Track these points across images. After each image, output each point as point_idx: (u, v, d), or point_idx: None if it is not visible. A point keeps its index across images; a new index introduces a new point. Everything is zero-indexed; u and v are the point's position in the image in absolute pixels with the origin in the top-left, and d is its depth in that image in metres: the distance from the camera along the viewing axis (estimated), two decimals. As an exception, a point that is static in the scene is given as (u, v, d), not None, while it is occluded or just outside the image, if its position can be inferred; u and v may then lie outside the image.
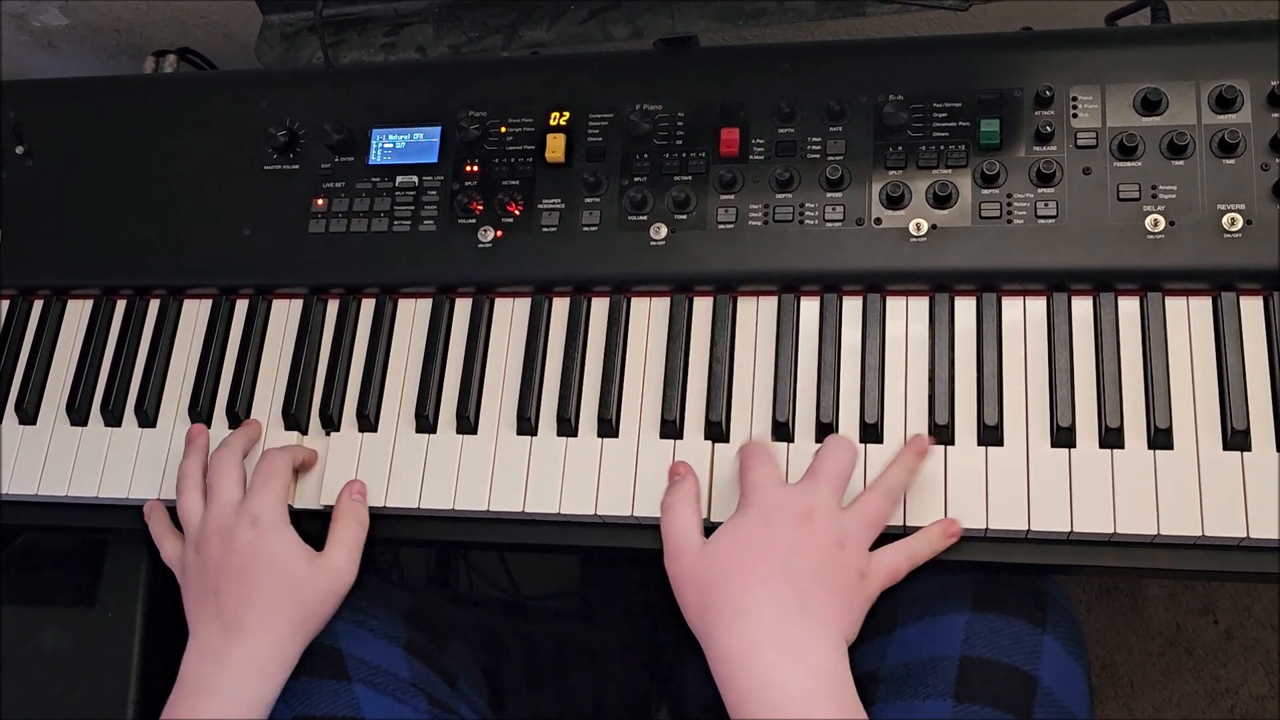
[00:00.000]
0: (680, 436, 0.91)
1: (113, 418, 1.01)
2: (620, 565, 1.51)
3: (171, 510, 0.95)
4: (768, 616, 0.77)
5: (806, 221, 0.92)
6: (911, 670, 0.84)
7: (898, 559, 0.82)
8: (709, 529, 0.85)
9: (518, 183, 0.98)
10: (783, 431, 0.89)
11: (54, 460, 1.01)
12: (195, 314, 1.04)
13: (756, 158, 0.95)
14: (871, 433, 0.88)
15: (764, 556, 0.79)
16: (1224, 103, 0.88)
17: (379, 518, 0.94)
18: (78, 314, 1.07)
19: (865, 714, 0.76)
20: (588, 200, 0.96)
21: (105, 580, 1.11)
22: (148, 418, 1.01)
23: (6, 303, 1.08)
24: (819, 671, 0.76)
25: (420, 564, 1.63)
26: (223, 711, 0.82)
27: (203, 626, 0.86)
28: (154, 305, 1.05)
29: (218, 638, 0.85)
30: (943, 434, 0.87)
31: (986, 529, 0.84)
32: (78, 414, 1.02)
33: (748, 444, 0.86)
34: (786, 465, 0.88)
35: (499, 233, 0.97)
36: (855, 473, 0.84)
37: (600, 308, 0.96)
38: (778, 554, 0.79)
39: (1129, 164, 0.89)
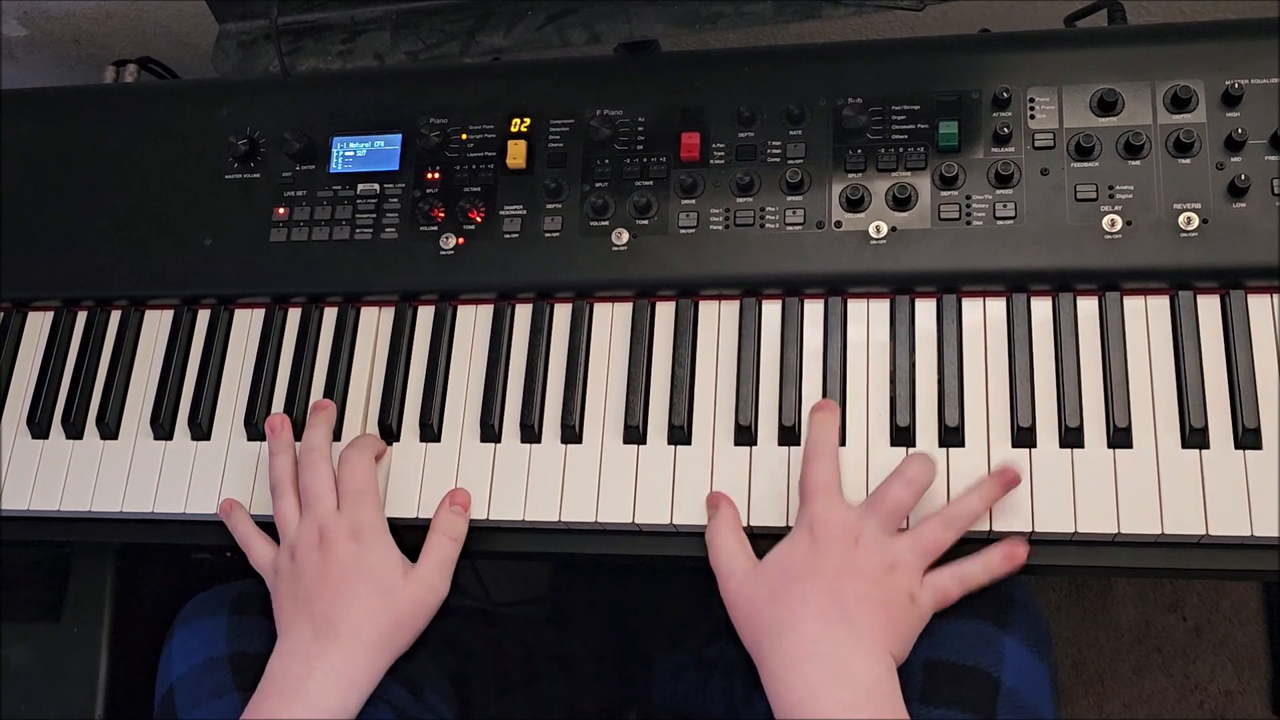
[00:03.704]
0: (644, 441, 0.90)
1: (74, 430, 1.01)
2: (592, 571, 1.51)
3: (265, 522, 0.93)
4: (810, 633, 0.78)
5: (767, 225, 0.92)
6: None
7: (949, 583, 0.82)
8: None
9: (479, 189, 0.98)
10: (745, 435, 0.89)
11: (14, 474, 1.00)
12: (157, 325, 1.03)
13: (717, 162, 0.95)
14: (834, 435, 0.88)
15: (810, 576, 0.80)
16: (1179, 103, 0.89)
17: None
18: (38, 326, 1.06)
19: None
20: (549, 206, 0.96)
21: (70, 594, 1.10)
22: (110, 430, 1.00)
23: (-35, 316, 1.07)
24: (861, 685, 0.76)
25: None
26: (306, 716, 0.82)
27: (293, 631, 0.86)
28: (115, 316, 1.04)
29: (309, 643, 0.85)
30: (904, 436, 0.87)
31: (949, 530, 0.84)
32: (38, 427, 1.01)
33: (814, 455, 0.85)
34: (749, 470, 0.88)
35: (461, 240, 0.97)
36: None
37: (563, 314, 0.96)
38: (824, 574, 0.80)
39: (1086, 164, 0.89)
